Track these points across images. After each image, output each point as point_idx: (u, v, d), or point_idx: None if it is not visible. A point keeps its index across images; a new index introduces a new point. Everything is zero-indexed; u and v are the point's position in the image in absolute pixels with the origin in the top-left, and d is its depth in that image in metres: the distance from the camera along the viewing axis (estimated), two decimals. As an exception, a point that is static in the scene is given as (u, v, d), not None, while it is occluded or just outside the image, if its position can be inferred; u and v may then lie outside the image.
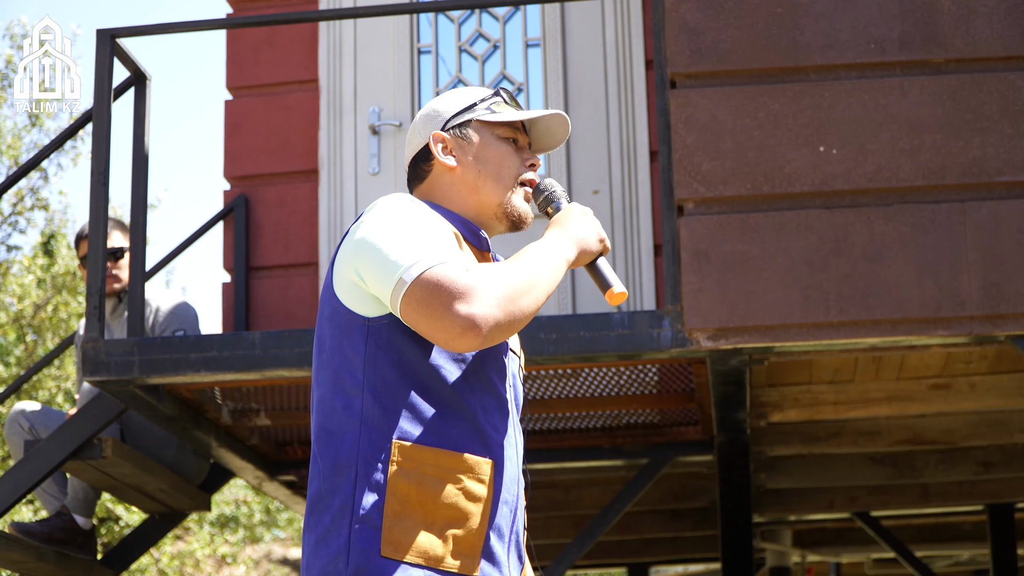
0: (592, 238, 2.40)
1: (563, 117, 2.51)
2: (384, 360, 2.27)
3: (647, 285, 5.38)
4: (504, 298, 2.19)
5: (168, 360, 4.62)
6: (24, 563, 5.26)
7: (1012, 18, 4.46)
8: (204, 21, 4.97)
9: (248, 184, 5.79)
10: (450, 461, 2.24)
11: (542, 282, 2.26)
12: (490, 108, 2.46)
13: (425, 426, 2.25)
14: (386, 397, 2.25)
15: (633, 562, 9.43)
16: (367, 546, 2.20)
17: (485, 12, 5.72)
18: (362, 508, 2.21)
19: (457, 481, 2.24)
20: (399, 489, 2.22)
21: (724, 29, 4.52)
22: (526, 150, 2.49)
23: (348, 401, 2.27)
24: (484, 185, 2.44)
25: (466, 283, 2.17)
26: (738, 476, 5.32)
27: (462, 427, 2.26)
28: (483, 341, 2.18)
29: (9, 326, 12.99)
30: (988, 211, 4.36)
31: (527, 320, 2.23)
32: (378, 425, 2.24)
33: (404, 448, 2.23)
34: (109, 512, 12.39)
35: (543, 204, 2.46)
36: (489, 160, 2.44)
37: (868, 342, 4.38)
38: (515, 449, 2.36)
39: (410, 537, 2.21)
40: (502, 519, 2.30)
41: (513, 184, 2.44)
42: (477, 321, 2.16)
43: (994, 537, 7.38)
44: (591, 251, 2.40)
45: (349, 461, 2.24)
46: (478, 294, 2.17)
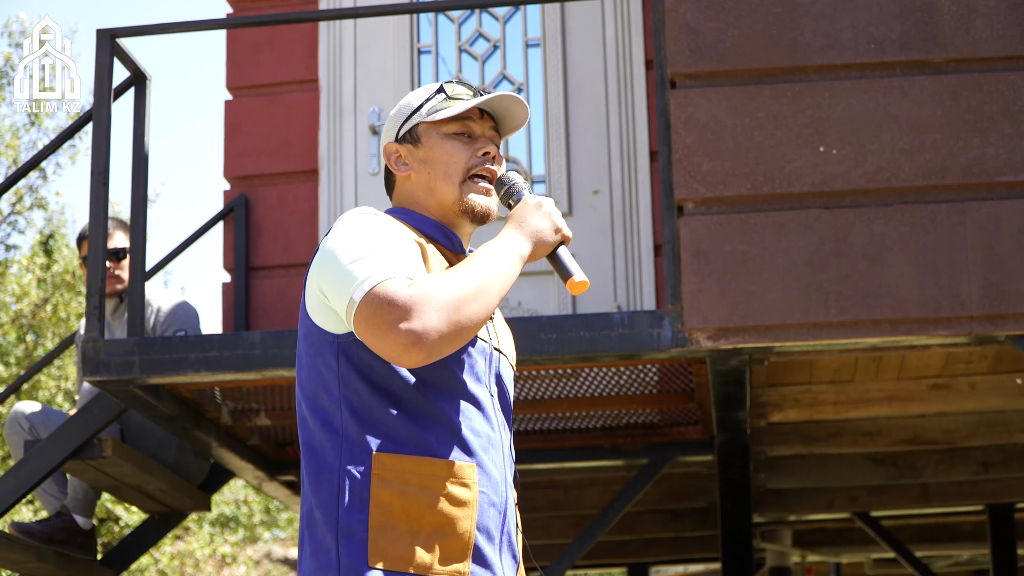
0: (547, 229, 2.36)
1: (512, 98, 2.47)
2: (356, 376, 2.29)
3: (647, 285, 5.38)
4: (447, 309, 2.17)
5: (168, 360, 4.62)
6: (24, 563, 5.26)
7: (1012, 18, 4.46)
8: (204, 21, 4.97)
9: (248, 184, 5.79)
10: (431, 468, 2.25)
11: (491, 285, 2.24)
12: (433, 107, 2.46)
13: (403, 436, 2.26)
14: (362, 411, 2.27)
15: (633, 562, 9.43)
16: (355, 559, 2.22)
17: (485, 12, 5.72)
18: (347, 522, 2.23)
19: (440, 487, 2.24)
20: (382, 500, 2.23)
21: (724, 29, 4.52)
22: (482, 139, 2.46)
23: (327, 418, 2.30)
24: (436, 186, 2.44)
25: (407, 298, 2.17)
26: (738, 476, 5.32)
27: (440, 434, 2.27)
28: (428, 355, 2.17)
29: (9, 326, 12.99)
30: (988, 211, 4.36)
31: (478, 325, 2.22)
32: (357, 439, 2.26)
33: (384, 459, 2.24)
34: (109, 512, 12.39)
35: (504, 198, 2.45)
36: (436, 161, 2.44)
37: (868, 342, 4.38)
38: (501, 450, 2.36)
39: (397, 547, 2.22)
40: (490, 521, 2.30)
41: (463, 179, 2.44)
42: (419, 336, 2.15)
43: (994, 537, 7.38)
44: (547, 242, 2.36)
45: (331, 476, 2.27)
46: (419, 309, 2.16)
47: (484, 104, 2.47)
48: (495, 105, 2.48)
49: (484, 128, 2.48)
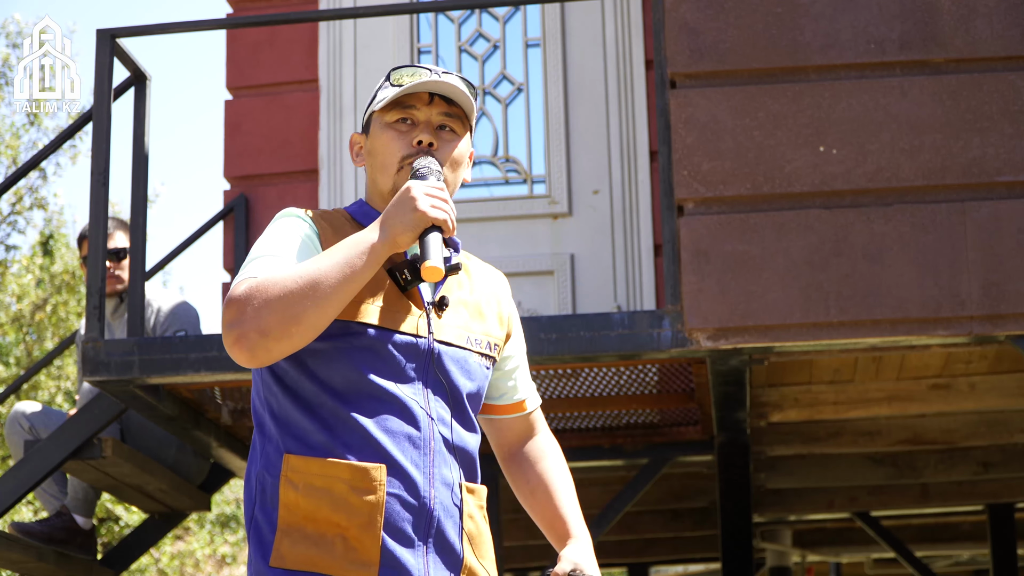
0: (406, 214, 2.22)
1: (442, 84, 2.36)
2: (273, 380, 2.31)
3: (647, 285, 5.38)
4: (268, 306, 2.15)
5: (168, 360, 4.62)
6: (24, 563, 5.26)
7: (1012, 18, 4.46)
8: (204, 21, 4.97)
9: (248, 184, 5.79)
10: (335, 470, 2.24)
11: (325, 278, 2.17)
12: (381, 97, 2.40)
13: (313, 438, 2.26)
14: (280, 415, 2.30)
15: (633, 562, 9.43)
16: (260, 556, 2.25)
17: (485, 12, 5.72)
18: (260, 521, 2.27)
19: (344, 489, 2.23)
20: (288, 501, 2.24)
21: (724, 29, 4.52)
22: (422, 125, 2.37)
23: (260, 420, 2.34)
24: (376, 177, 2.41)
25: (237, 297, 2.17)
26: (738, 476, 5.32)
27: (349, 437, 2.25)
28: (252, 353, 2.17)
29: (9, 326, 12.99)
30: (988, 211, 4.36)
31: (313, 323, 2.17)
32: (276, 441, 2.29)
33: (293, 461, 2.26)
34: (109, 512, 12.39)
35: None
36: (376, 151, 2.40)
37: (868, 342, 4.38)
38: (428, 449, 2.29)
39: (299, 548, 2.23)
40: (402, 522, 2.25)
41: (396, 167, 2.37)
42: (240, 335, 2.16)
43: (994, 537, 7.38)
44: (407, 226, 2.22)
45: (253, 476, 2.32)
46: (242, 307, 2.16)
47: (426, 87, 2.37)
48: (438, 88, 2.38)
49: (431, 113, 2.39)
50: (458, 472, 2.34)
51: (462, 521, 2.33)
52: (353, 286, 2.21)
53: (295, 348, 2.20)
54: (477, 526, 2.37)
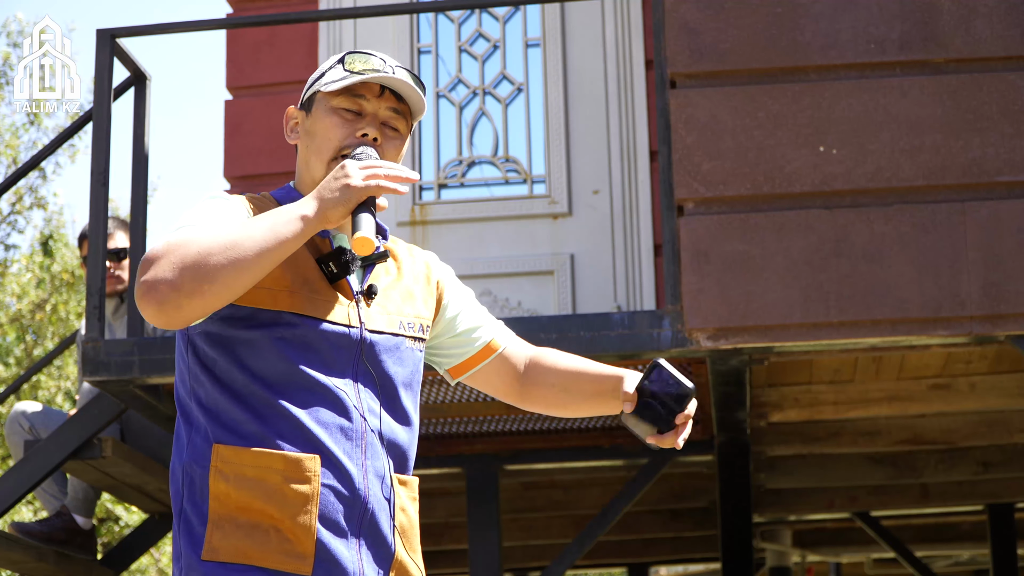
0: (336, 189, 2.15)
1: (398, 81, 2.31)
2: (201, 369, 2.25)
3: (647, 285, 5.38)
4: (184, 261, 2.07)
5: (168, 360, 4.62)
6: (24, 563, 5.26)
7: (1012, 18, 4.46)
8: (204, 21, 4.97)
9: (248, 184, 5.79)
10: (268, 460, 2.20)
11: (245, 241, 2.10)
12: (332, 79, 2.32)
13: (244, 428, 2.22)
14: (209, 404, 2.24)
15: (633, 562, 9.43)
16: (191, 550, 2.20)
17: (485, 12, 5.72)
18: (190, 513, 2.22)
19: (277, 480, 2.19)
20: (219, 492, 2.20)
21: (724, 29, 4.52)
22: (368, 117, 2.32)
23: (185, 409, 2.28)
24: (310, 160, 2.33)
25: (152, 252, 2.10)
26: (738, 476, 5.32)
27: (282, 427, 2.21)
28: (161, 308, 2.08)
29: (8, 326, 12.99)
30: (988, 211, 4.36)
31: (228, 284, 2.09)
32: (204, 431, 2.24)
33: (223, 451, 2.21)
34: (109, 512, 12.39)
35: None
36: (315, 133, 2.32)
37: (868, 342, 4.38)
38: (361, 440, 2.26)
39: (231, 540, 2.18)
40: (337, 515, 2.22)
41: (333, 156, 2.30)
42: (149, 286, 2.07)
43: (994, 537, 7.38)
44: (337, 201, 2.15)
45: (179, 468, 2.26)
46: (158, 261, 2.08)
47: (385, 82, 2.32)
48: (395, 84, 2.32)
49: (379, 107, 2.33)
50: (389, 464, 2.30)
51: (393, 514, 2.30)
52: (276, 254, 2.13)
53: (205, 310, 2.11)
54: (409, 519, 2.34)
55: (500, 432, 5.75)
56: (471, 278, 5.47)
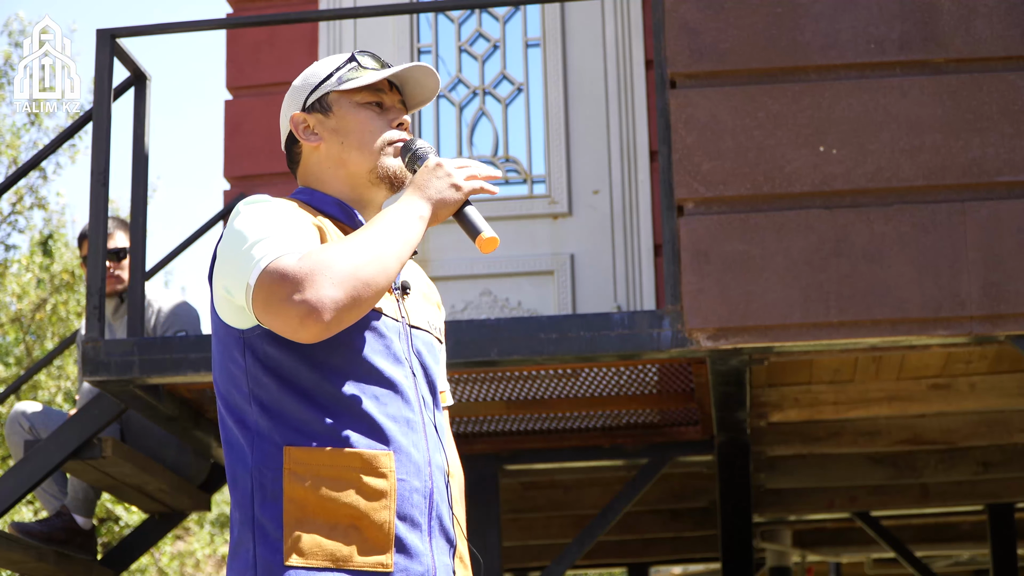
0: (445, 190, 2.26)
1: (424, 68, 2.42)
2: (263, 371, 2.24)
3: (647, 285, 5.38)
4: (340, 276, 2.11)
5: (168, 360, 4.62)
6: (24, 563, 5.26)
7: (1012, 18, 4.46)
8: (204, 21, 4.97)
9: (248, 184, 5.79)
10: (344, 459, 2.20)
11: (389, 250, 2.17)
12: (344, 76, 2.40)
13: (315, 428, 2.21)
14: (272, 406, 2.23)
15: (633, 562, 9.43)
16: (271, 558, 2.18)
17: (485, 12, 5.72)
18: (262, 519, 2.20)
19: (355, 478, 2.20)
20: (296, 495, 2.19)
21: (724, 29, 4.52)
22: (394, 110, 2.41)
23: (240, 415, 2.26)
24: (350, 156, 2.38)
25: (299, 270, 2.11)
26: (738, 476, 5.32)
27: (353, 423, 2.22)
28: (327, 325, 2.11)
29: (8, 325, 12.99)
30: (988, 211, 4.36)
31: (378, 293, 2.15)
32: (268, 435, 2.22)
33: (295, 453, 2.20)
34: (109, 512, 12.39)
35: (410, 163, 2.37)
36: (350, 130, 2.38)
37: (868, 342, 4.38)
38: (422, 432, 2.29)
39: (313, 542, 2.18)
40: (412, 508, 2.24)
41: (382, 147, 2.37)
42: (314, 306, 2.09)
43: (994, 537, 7.38)
44: (448, 202, 2.26)
45: (245, 474, 2.24)
46: (312, 279, 2.10)
47: (396, 75, 2.41)
48: (407, 76, 2.42)
49: (394, 100, 2.42)
50: (443, 456, 2.34)
51: (452, 505, 2.34)
52: (406, 258, 2.21)
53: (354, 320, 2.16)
54: (461, 510, 2.38)
55: (500, 432, 5.75)
56: (471, 278, 5.48)
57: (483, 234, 2.25)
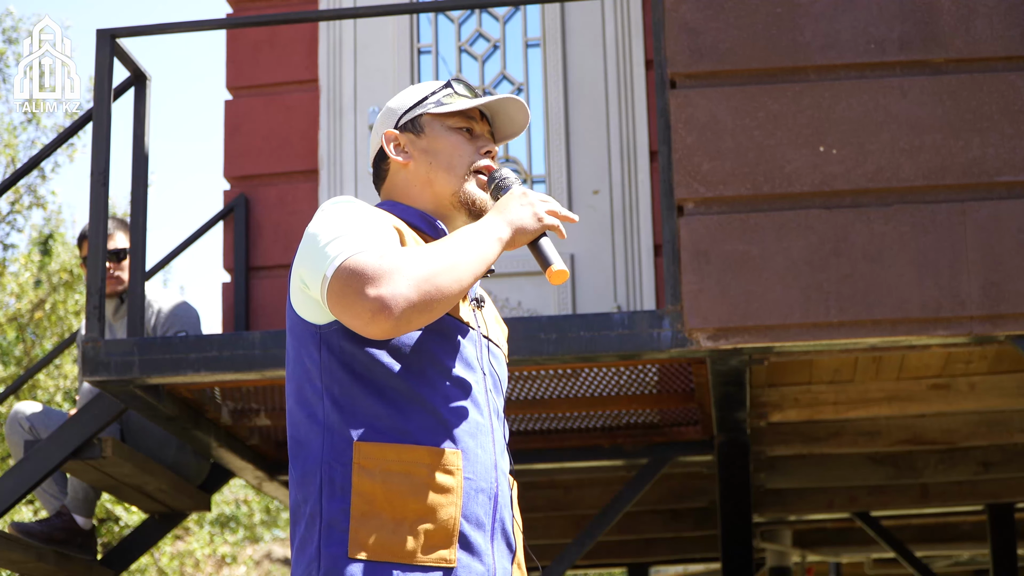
0: (527, 218, 2.34)
1: (518, 102, 2.49)
2: (337, 365, 2.28)
3: (647, 285, 5.38)
4: (416, 278, 2.16)
5: (168, 360, 4.62)
6: (24, 563, 5.26)
7: (1012, 18, 4.46)
8: (204, 21, 4.97)
9: (248, 184, 5.78)
10: (414, 455, 2.24)
11: (462, 261, 2.23)
12: (440, 100, 2.47)
13: (385, 424, 2.25)
14: (344, 401, 2.27)
15: (633, 562, 9.43)
16: (336, 550, 2.21)
17: (485, 12, 5.72)
18: (329, 513, 2.23)
19: (423, 475, 2.23)
20: (364, 489, 2.22)
21: (724, 29, 4.52)
22: (483, 138, 2.48)
23: (311, 410, 2.29)
24: (436, 177, 2.44)
25: (377, 266, 2.16)
26: (738, 476, 5.32)
27: (424, 421, 2.26)
28: (396, 323, 2.16)
29: (7, 325, 12.99)
30: (988, 211, 4.36)
31: (449, 301, 2.20)
32: (339, 429, 2.26)
33: (365, 448, 2.23)
34: (109, 512, 12.38)
35: (495, 192, 2.45)
36: (439, 152, 2.44)
37: (868, 342, 4.38)
38: (490, 436, 2.34)
39: (379, 536, 2.21)
40: (478, 508, 2.28)
41: (466, 172, 2.44)
42: (387, 303, 2.14)
43: (994, 537, 7.38)
44: (527, 229, 2.34)
45: (315, 468, 2.26)
46: (389, 276, 2.15)
47: (489, 105, 2.49)
48: (498, 108, 2.50)
49: (484, 129, 2.49)
50: (507, 462, 2.40)
51: (513, 510, 2.39)
52: (480, 274, 2.27)
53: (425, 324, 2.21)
54: (520, 516, 2.43)
55: (500, 432, 5.74)
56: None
57: (553, 267, 2.33)
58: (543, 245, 2.37)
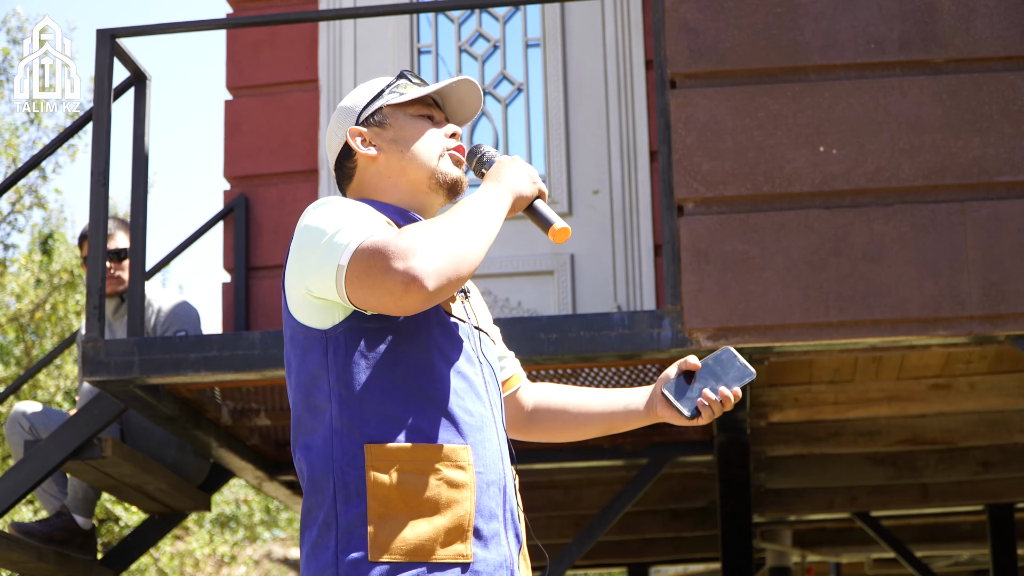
0: (524, 183, 2.39)
1: (471, 83, 2.51)
2: (344, 369, 2.27)
3: (647, 285, 5.38)
4: (442, 249, 2.17)
5: (168, 360, 4.62)
6: (24, 563, 5.26)
7: (1012, 18, 4.46)
8: (204, 21, 4.97)
9: (248, 184, 5.79)
10: (425, 453, 2.24)
11: (479, 230, 2.24)
12: (397, 91, 2.48)
13: (395, 425, 2.25)
14: (352, 404, 2.26)
15: (633, 562, 9.43)
16: (356, 555, 2.20)
17: (485, 12, 5.72)
18: (346, 518, 2.22)
19: (436, 472, 2.24)
20: (379, 492, 2.21)
21: (724, 29, 4.52)
22: (444, 123, 2.50)
23: (318, 415, 2.29)
24: (410, 164, 2.44)
25: (397, 243, 2.16)
26: (738, 476, 5.32)
27: (432, 417, 2.26)
28: (430, 294, 2.15)
29: (8, 325, 12.99)
30: (988, 211, 4.36)
31: (471, 268, 2.21)
32: (348, 433, 2.25)
33: (376, 450, 2.23)
34: (109, 512, 12.39)
35: (478, 167, 2.47)
36: (408, 139, 2.45)
37: (868, 342, 4.38)
38: (495, 429, 2.35)
39: (398, 536, 2.20)
40: (490, 500, 2.29)
41: (441, 153, 2.45)
42: (418, 274, 2.14)
43: (994, 537, 7.38)
44: (525, 195, 2.39)
45: (326, 473, 2.25)
46: (415, 249, 2.15)
47: (441, 92, 2.51)
48: (449, 92, 2.52)
49: (440, 115, 2.51)
50: (509, 454, 2.41)
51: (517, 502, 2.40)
52: (491, 241, 2.28)
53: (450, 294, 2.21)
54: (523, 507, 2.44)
55: (500, 432, 5.75)
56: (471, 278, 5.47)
57: (555, 225, 2.36)
58: (540, 207, 2.40)
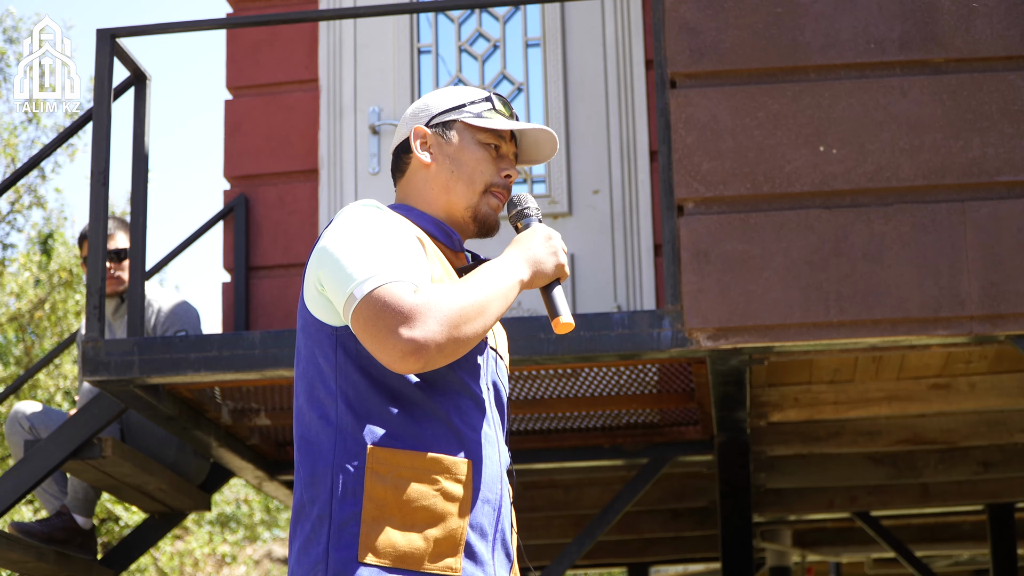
0: (549, 264, 2.38)
1: (551, 134, 2.50)
2: (354, 368, 2.28)
3: (647, 285, 5.38)
4: (450, 323, 2.18)
5: (168, 360, 4.62)
6: (24, 563, 5.26)
7: (1012, 18, 4.46)
8: (204, 21, 4.97)
9: (248, 184, 5.78)
10: (425, 463, 2.25)
11: (492, 305, 2.25)
12: (478, 112, 2.47)
13: (399, 430, 2.26)
14: (358, 404, 2.27)
15: (633, 562, 9.43)
16: (345, 553, 2.21)
17: (485, 12, 5.72)
18: (340, 515, 2.23)
19: (434, 482, 2.24)
20: (375, 494, 2.22)
21: (724, 29, 4.52)
22: (507, 159, 2.48)
23: (323, 411, 2.29)
24: (455, 186, 2.44)
25: (412, 305, 2.17)
26: (738, 476, 5.32)
27: (436, 428, 2.27)
28: (425, 365, 2.18)
29: (7, 325, 12.99)
30: (988, 211, 4.36)
31: (473, 342, 2.23)
32: (352, 432, 2.26)
33: (378, 453, 2.24)
34: (109, 512, 12.39)
35: (515, 218, 2.46)
36: (464, 163, 2.44)
37: (868, 342, 4.38)
38: (496, 448, 2.37)
39: (388, 541, 2.21)
40: (483, 518, 2.30)
41: (483, 190, 2.44)
42: (419, 346, 2.16)
43: (994, 537, 7.38)
44: (546, 274, 2.38)
45: (325, 470, 2.26)
46: (423, 318, 2.17)
47: (523, 131, 2.50)
48: (535, 135, 2.51)
49: (510, 150, 2.50)
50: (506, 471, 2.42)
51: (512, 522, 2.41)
52: (502, 315, 2.30)
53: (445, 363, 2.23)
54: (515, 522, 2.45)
55: (500, 432, 5.74)
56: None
57: (561, 318, 2.35)
58: (555, 295, 2.39)
